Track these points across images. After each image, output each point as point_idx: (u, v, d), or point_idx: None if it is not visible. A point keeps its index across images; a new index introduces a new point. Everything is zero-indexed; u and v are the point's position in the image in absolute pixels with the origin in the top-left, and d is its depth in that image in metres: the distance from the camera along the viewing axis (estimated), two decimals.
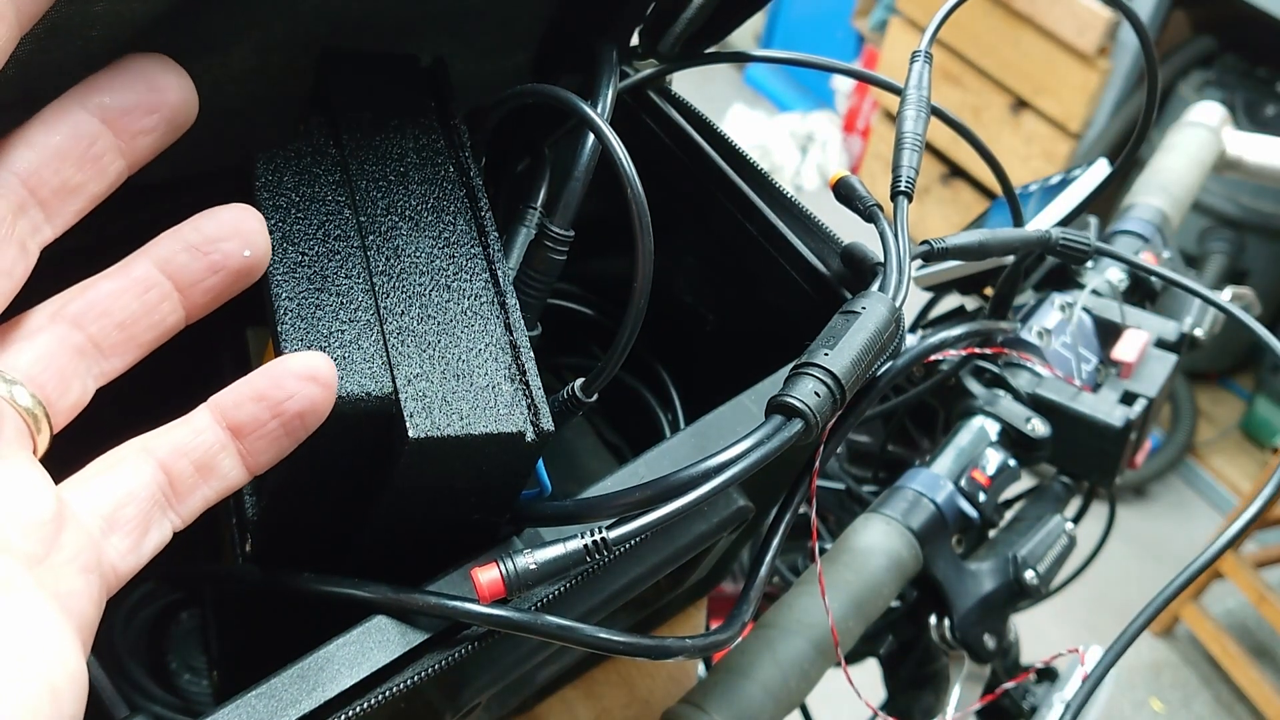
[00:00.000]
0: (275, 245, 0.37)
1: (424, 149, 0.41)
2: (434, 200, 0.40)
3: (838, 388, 0.37)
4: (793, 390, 0.37)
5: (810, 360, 0.38)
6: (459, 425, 0.35)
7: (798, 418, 0.37)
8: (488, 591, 0.34)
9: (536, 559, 0.34)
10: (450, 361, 0.36)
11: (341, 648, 0.35)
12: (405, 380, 0.35)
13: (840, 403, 0.38)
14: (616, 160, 0.38)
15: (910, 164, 0.46)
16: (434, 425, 0.34)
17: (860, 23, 2.68)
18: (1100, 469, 0.67)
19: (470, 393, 0.36)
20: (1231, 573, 1.80)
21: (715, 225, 0.53)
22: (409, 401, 0.35)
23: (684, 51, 0.54)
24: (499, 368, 0.37)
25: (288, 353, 0.34)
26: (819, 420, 0.37)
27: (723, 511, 0.44)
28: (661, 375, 0.60)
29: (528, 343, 0.38)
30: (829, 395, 0.37)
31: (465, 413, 0.35)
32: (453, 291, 0.38)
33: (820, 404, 0.37)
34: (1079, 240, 0.52)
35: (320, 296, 0.36)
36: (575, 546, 0.35)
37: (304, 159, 0.39)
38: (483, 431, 0.35)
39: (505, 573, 0.34)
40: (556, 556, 0.34)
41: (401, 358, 0.36)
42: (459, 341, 0.37)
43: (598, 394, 0.41)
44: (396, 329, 0.36)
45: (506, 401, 0.36)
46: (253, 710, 0.33)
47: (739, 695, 0.48)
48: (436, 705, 0.39)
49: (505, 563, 0.34)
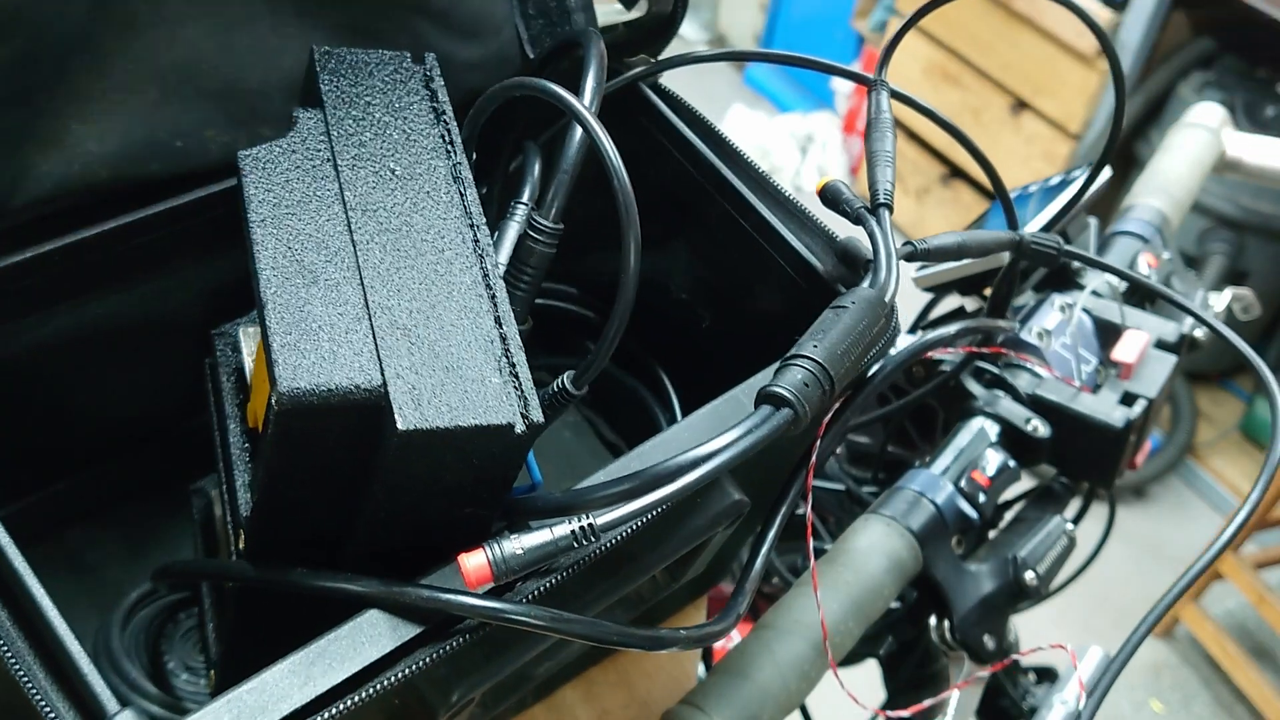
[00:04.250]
0: (264, 240, 0.37)
1: (414, 143, 0.41)
2: (423, 194, 0.40)
3: (825, 378, 0.38)
4: (781, 380, 0.38)
5: (798, 352, 0.39)
6: (448, 417, 0.35)
7: (786, 407, 0.37)
8: (474, 578, 0.34)
9: (523, 544, 0.34)
10: (439, 354, 0.36)
11: (333, 642, 0.35)
12: (394, 373, 0.35)
13: (830, 393, 0.39)
14: (602, 151, 0.38)
15: (887, 179, 0.49)
16: (423, 417, 0.34)
17: (860, 24, 2.68)
18: (1100, 470, 0.67)
19: (459, 385, 0.36)
20: (1231, 573, 1.79)
21: (711, 223, 0.53)
22: (398, 394, 0.35)
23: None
24: (488, 360, 0.37)
25: (275, 346, 0.35)
26: (806, 410, 0.38)
27: (717, 505, 0.44)
28: (658, 373, 0.60)
29: (517, 335, 0.38)
30: (818, 385, 0.38)
31: (454, 405, 0.35)
32: (442, 285, 0.38)
33: (809, 394, 0.38)
34: (1048, 244, 0.54)
35: (309, 290, 0.36)
36: (562, 532, 0.35)
37: (293, 154, 0.39)
38: (472, 423, 0.35)
39: (492, 558, 0.34)
40: (543, 542, 0.35)
41: (390, 350, 0.36)
42: (448, 334, 0.37)
43: (589, 388, 0.41)
44: (385, 322, 0.36)
45: (495, 393, 0.36)
46: (244, 704, 0.33)
47: (739, 696, 0.48)
48: (430, 700, 0.39)
49: (492, 548, 0.34)
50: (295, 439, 0.36)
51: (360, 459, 0.37)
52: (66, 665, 0.34)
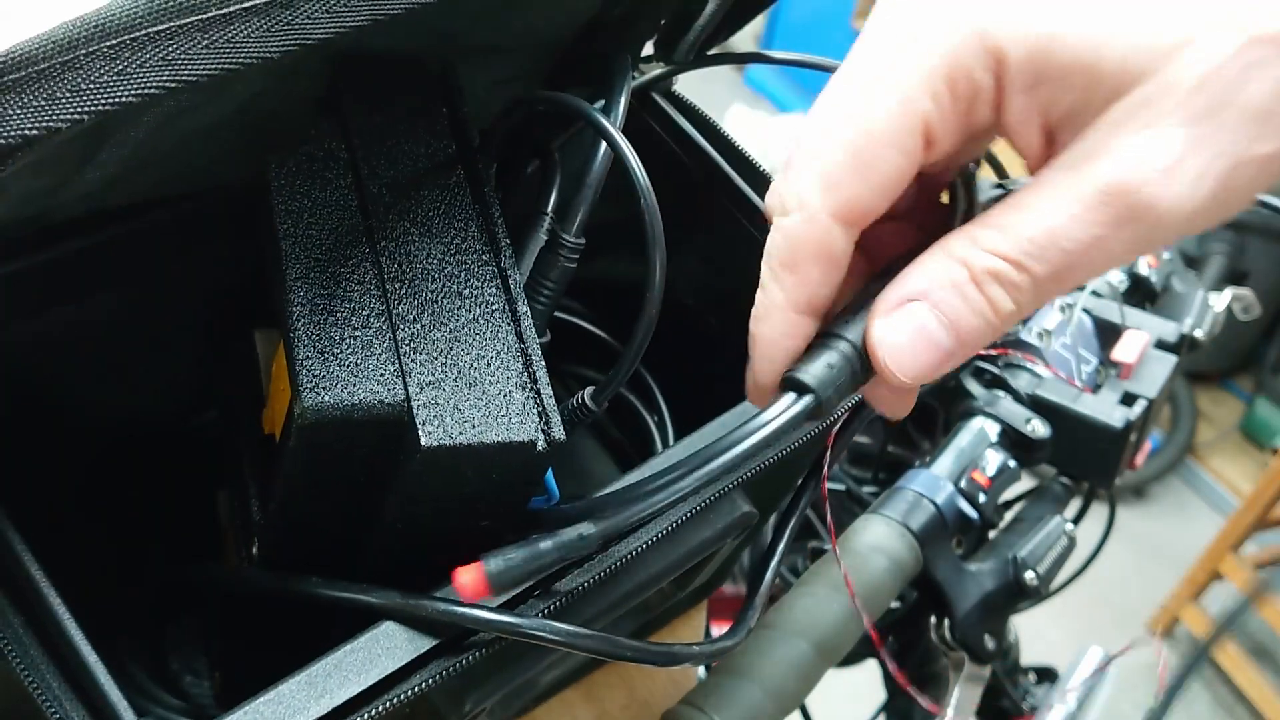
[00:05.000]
0: (289, 250, 0.37)
1: (435, 155, 0.41)
2: (445, 206, 0.40)
3: (858, 359, 0.30)
4: (805, 365, 0.30)
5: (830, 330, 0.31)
6: (471, 434, 0.34)
7: (807, 393, 0.29)
8: (470, 590, 0.32)
9: (518, 554, 0.33)
10: (462, 369, 0.36)
11: (349, 654, 0.34)
12: (417, 388, 0.35)
13: (863, 374, 0.31)
14: (631, 172, 0.38)
15: None
16: (446, 433, 0.34)
17: (860, 23, 2.68)
18: (1100, 470, 0.67)
19: (482, 401, 0.35)
20: (1231, 573, 1.80)
21: (718, 227, 0.53)
22: (421, 409, 0.34)
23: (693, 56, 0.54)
24: (510, 375, 0.36)
25: (299, 358, 0.34)
26: (830, 398, 0.30)
27: (727, 517, 0.44)
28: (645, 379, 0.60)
29: (539, 351, 0.38)
30: (846, 367, 0.30)
31: (477, 421, 0.35)
32: (464, 299, 0.38)
33: (834, 377, 0.30)
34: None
35: (332, 302, 0.36)
36: (555, 541, 0.34)
37: (316, 164, 0.39)
38: (494, 440, 0.35)
39: (488, 570, 0.33)
40: (539, 551, 0.33)
41: (414, 365, 0.35)
42: (471, 349, 0.37)
43: None
44: (408, 336, 0.36)
45: (518, 410, 0.36)
46: (260, 716, 0.33)
47: (739, 696, 0.48)
48: (442, 711, 0.39)
49: (488, 561, 0.33)
50: (316, 452, 0.36)
51: (379, 471, 0.36)
52: (82, 675, 0.33)
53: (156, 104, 0.30)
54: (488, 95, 0.49)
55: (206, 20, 0.27)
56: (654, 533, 0.40)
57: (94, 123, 0.26)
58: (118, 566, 0.54)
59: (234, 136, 0.40)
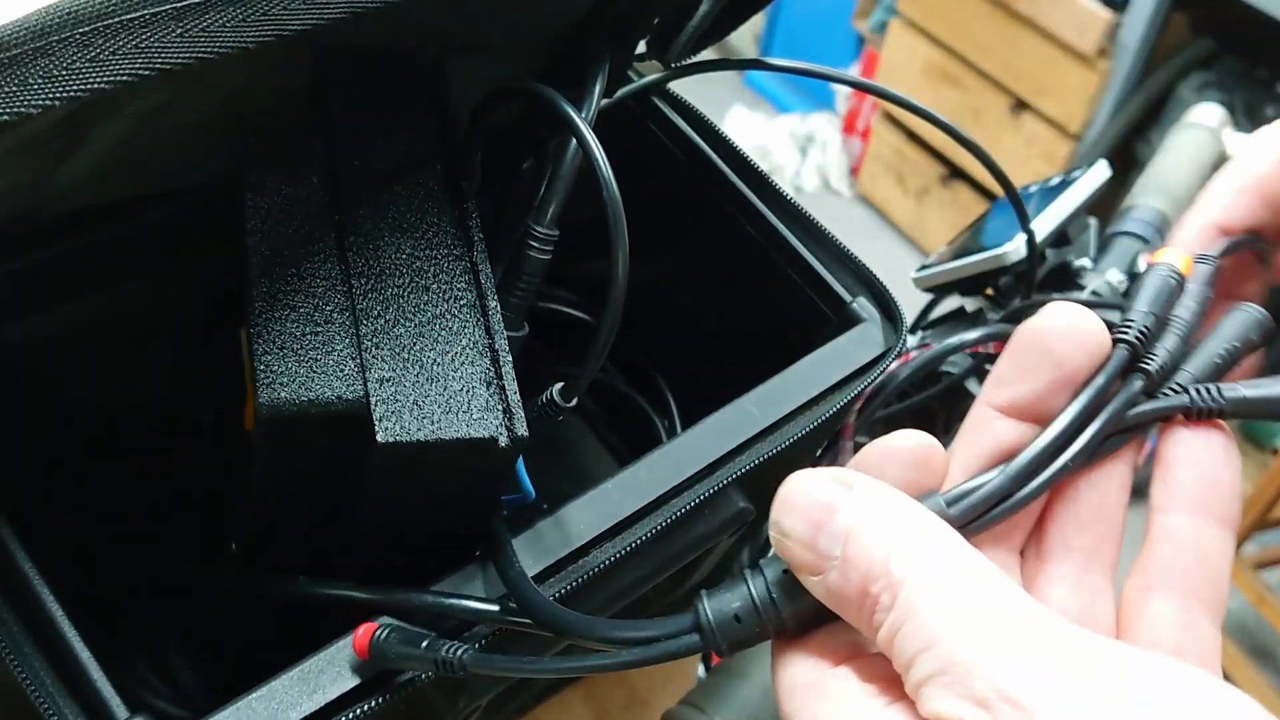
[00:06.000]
0: (254, 246, 0.37)
1: (415, 150, 0.40)
2: (420, 201, 0.39)
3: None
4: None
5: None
6: (429, 430, 0.34)
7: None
8: (356, 647, 0.33)
9: (399, 651, 0.33)
10: (425, 365, 0.35)
11: (343, 649, 0.34)
12: (377, 383, 0.35)
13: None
14: (593, 160, 0.37)
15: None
16: (403, 429, 0.34)
17: (860, 24, 2.68)
18: None
19: (444, 397, 0.35)
20: (1231, 573, 1.79)
21: (718, 229, 0.53)
22: (379, 405, 0.34)
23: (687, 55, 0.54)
24: (475, 371, 0.36)
25: (258, 354, 0.34)
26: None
27: (723, 513, 0.44)
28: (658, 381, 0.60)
29: (507, 346, 0.37)
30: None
31: (437, 417, 0.34)
32: (432, 293, 0.37)
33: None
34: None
35: (295, 298, 0.36)
36: (430, 656, 0.32)
37: (291, 160, 0.39)
38: (453, 436, 0.34)
39: (372, 639, 0.33)
40: (413, 655, 0.33)
41: (375, 360, 0.35)
42: (436, 344, 0.36)
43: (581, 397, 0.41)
44: (371, 331, 0.36)
45: (481, 406, 0.35)
46: (254, 712, 0.33)
47: (738, 696, 0.48)
48: (438, 708, 0.39)
49: (378, 632, 0.33)
50: (279, 448, 0.36)
51: (347, 468, 0.36)
52: (75, 670, 0.33)
53: (133, 93, 0.30)
54: (479, 94, 0.49)
55: (181, 8, 0.27)
56: (650, 528, 0.40)
57: (68, 109, 0.26)
58: (114, 564, 0.54)
59: (221, 132, 0.39)
